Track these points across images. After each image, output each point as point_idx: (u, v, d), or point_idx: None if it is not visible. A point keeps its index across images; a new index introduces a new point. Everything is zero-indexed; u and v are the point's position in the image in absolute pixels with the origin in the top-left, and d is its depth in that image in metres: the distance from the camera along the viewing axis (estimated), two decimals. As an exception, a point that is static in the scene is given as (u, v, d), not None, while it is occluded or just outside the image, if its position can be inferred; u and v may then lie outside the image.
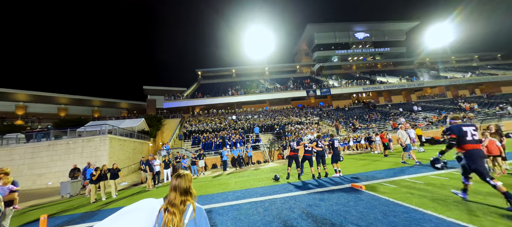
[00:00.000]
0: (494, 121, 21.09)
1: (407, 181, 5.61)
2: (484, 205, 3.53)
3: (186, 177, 1.60)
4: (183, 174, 1.63)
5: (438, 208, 3.56)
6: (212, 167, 14.68)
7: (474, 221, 2.97)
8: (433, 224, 3.02)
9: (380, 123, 23.10)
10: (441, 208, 3.54)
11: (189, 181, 1.60)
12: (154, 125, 26.08)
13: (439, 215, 3.29)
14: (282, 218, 3.82)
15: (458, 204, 3.67)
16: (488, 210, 3.30)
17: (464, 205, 3.58)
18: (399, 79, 35.61)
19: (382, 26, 45.42)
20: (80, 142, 13.33)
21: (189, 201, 1.53)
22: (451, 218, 3.14)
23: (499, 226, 2.80)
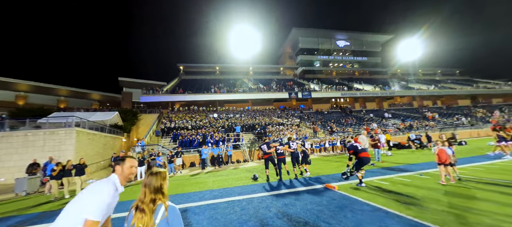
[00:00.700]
0: (450, 129, 23.68)
1: (375, 182, 6.04)
2: (436, 205, 3.95)
3: (159, 175, 1.54)
4: (157, 171, 1.57)
5: (399, 207, 3.90)
6: (190, 165, 14.30)
7: (427, 218, 3.31)
8: (394, 221, 3.30)
9: (355, 127, 24.51)
10: (401, 207, 3.88)
11: (162, 179, 1.55)
12: (129, 120, 24.58)
13: (400, 213, 3.61)
14: (259, 217, 3.88)
15: (416, 203, 4.06)
16: (437, 209, 3.71)
17: (420, 204, 3.97)
18: (373, 87, 38.13)
19: (361, 36, 48.26)
20: (41, 134, 12.04)
21: (161, 200, 1.48)
22: (409, 215, 3.47)
23: (444, 219, 3.17)
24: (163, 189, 1.53)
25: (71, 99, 37.62)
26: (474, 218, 3.26)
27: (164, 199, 1.50)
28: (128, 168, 1.72)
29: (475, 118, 29.51)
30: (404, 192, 4.85)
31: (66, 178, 7.16)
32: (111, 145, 18.66)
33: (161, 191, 1.51)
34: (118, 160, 1.73)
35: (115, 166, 1.71)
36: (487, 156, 8.99)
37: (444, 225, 3.08)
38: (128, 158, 1.75)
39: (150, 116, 27.81)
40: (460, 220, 3.21)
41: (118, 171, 1.69)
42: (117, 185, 1.64)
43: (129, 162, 1.74)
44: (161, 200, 1.49)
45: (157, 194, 1.49)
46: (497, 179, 5.45)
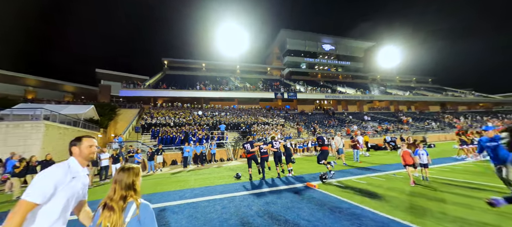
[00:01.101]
0: (422, 133, 25.54)
1: (353, 181, 6.31)
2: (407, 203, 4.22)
3: (131, 171, 1.45)
4: (129, 167, 1.48)
5: (374, 205, 4.10)
6: (172, 163, 13.84)
7: (398, 215, 3.52)
8: (369, 218, 3.46)
9: (337, 129, 25.43)
10: (376, 204, 4.09)
11: (135, 176, 1.45)
12: (106, 114, 23.19)
13: (374, 210, 3.79)
14: (239, 215, 3.85)
15: (388, 201, 4.30)
16: (406, 206, 3.97)
17: (392, 202, 4.21)
18: (355, 91, 39.86)
19: (346, 42, 50.20)
20: (4, 127, 10.89)
21: (132, 198, 1.39)
22: (383, 213, 3.66)
23: (408, 216, 3.39)
24: (135, 186, 1.44)
25: (41, 90, 34.56)
26: (438, 215, 3.53)
27: (136, 196, 1.41)
28: (87, 148, 1.63)
29: (444, 123, 32.11)
30: (379, 190, 5.11)
31: (31, 175, 6.54)
32: (85, 140, 17.46)
33: (133, 188, 1.42)
34: (74, 141, 1.63)
35: (71, 147, 1.61)
36: (452, 158, 9.81)
37: (413, 222, 3.29)
38: (85, 137, 1.67)
39: (130, 111, 26.43)
40: (428, 217, 3.45)
41: (75, 152, 1.60)
42: (75, 166, 1.56)
43: (87, 141, 1.65)
44: (132, 197, 1.40)
45: (129, 190, 1.40)
46: (459, 178, 5.97)
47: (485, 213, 3.47)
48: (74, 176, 1.52)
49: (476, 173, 6.58)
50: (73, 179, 1.51)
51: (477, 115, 38.08)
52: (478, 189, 4.86)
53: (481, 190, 4.76)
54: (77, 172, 1.56)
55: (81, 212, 1.69)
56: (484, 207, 3.68)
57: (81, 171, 1.60)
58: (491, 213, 3.42)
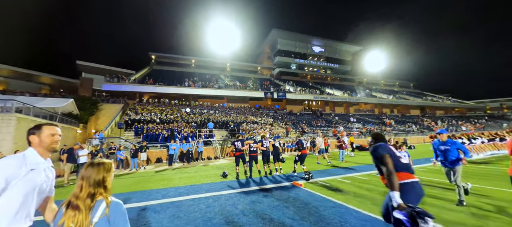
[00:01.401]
0: (403, 135, 26.80)
1: (338, 180, 6.43)
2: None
3: (101, 167, 1.33)
4: (99, 162, 1.35)
5: (357, 203, 4.19)
6: (156, 161, 13.40)
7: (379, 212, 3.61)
8: (352, 216, 3.52)
9: (324, 129, 25.99)
10: (359, 203, 4.18)
11: (105, 171, 1.33)
12: (87, 108, 22.05)
13: (357, 208, 3.87)
14: (224, 214, 3.76)
15: (370, 199, 4.42)
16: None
17: (374, 201, 4.33)
18: (342, 93, 40.97)
19: (335, 44, 51.38)
20: (-33, 119, 9.95)
21: (101, 196, 1.27)
22: (365, 211, 3.75)
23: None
24: (105, 183, 1.32)
25: (14, 81, 32.10)
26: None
27: (106, 194, 1.29)
28: (48, 137, 1.48)
29: (423, 126, 33.91)
30: (363, 189, 5.25)
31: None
32: (63, 136, 16.41)
33: (103, 185, 1.30)
34: (32, 129, 1.48)
35: (29, 136, 1.46)
36: (430, 159, 10.35)
37: (394, 219, 3.39)
38: (45, 125, 1.52)
39: (113, 106, 25.31)
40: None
41: (34, 142, 1.45)
42: (33, 158, 1.41)
43: (48, 129, 1.50)
44: (102, 195, 1.28)
45: (98, 188, 1.27)
46: (436, 178, 6.28)
47: (458, 213, 3.66)
48: (32, 168, 1.36)
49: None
50: (31, 171, 1.35)
51: (453, 119, 40.66)
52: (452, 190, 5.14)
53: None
54: (37, 163, 1.40)
55: (47, 210, 1.54)
56: (457, 208, 3.88)
57: (43, 162, 1.45)
58: (464, 213, 3.61)
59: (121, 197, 5.27)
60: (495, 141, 12.06)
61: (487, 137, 12.15)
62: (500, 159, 9.72)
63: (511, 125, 33.31)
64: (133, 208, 4.37)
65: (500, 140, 12.14)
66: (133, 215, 3.91)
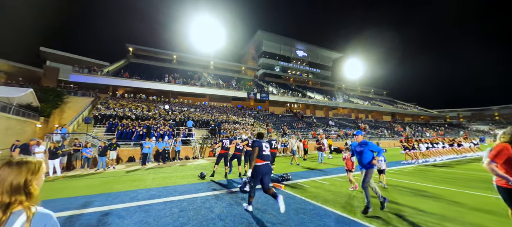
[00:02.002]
0: (376, 139, 28.52)
1: (317, 182, 6.47)
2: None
3: (24, 167, 1.01)
4: (20, 160, 1.03)
5: (336, 205, 4.18)
6: (128, 161, 12.44)
7: (357, 216, 3.63)
8: (331, 219, 3.47)
9: (304, 131, 26.57)
10: (339, 205, 4.17)
11: (30, 173, 1.01)
12: (50, 101, 19.90)
13: (336, 211, 3.85)
14: (198, 220, 3.47)
15: (348, 202, 4.45)
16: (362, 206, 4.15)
17: (353, 203, 4.36)
18: (323, 97, 42.44)
19: (317, 50, 53.13)
20: None
21: (21, 205, 0.96)
22: (344, 213, 3.73)
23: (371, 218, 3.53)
24: (29, 188, 1.00)
25: (-41, 65, 27.72)
26: (392, 216, 3.75)
27: (28, 203, 0.98)
28: None
29: (393, 131, 36.47)
30: (342, 191, 5.30)
31: None
32: (19, 130, 14.63)
33: (25, 191, 0.99)
34: None
35: None
36: (400, 162, 11.04)
37: (372, 222, 3.40)
38: None
39: (81, 99, 23.20)
40: (384, 218, 3.63)
41: None
42: None
43: None
44: (22, 204, 0.96)
45: (16, 195, 0.96)
46: (407, 180, 6.63)
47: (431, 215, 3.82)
48: None
49: (419, 176, 7.43)
50: None
51: (419, 126, 44.45)
52: (423, 191, 5.43)
53: (426, 194, 5.33)
54: None
55: None
56: (433, 209, 4.05)
57: None
58: (434, 217, 3.78)
59: (82, 200, 4.68)
60: (454, 146, 13.34)
61: (448, 142, 13.38)
62: (459, 163, 10.69)
63: (466, 132, 37.34)
64: (93, 213, 3.85)
65: (458, 145, 13.46)
66: (93, 222, 3.43)
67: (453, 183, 6.20)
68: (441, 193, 5.14)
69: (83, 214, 3.82)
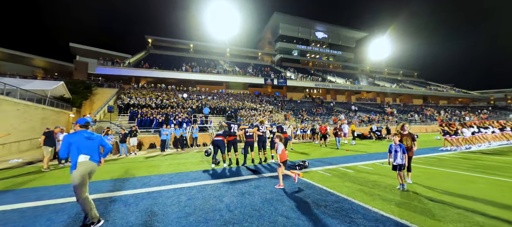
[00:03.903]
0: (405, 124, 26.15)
1: (340, 169, 5.83)
2: (400, 196, 3.73)
3: None
4: None
5: (364, 198, 3.58)
6: (150, 147, 12.87)
7: (392, 211, 3.00)
8: (360, 215, 2.90)
9: (324, 117, 25.33)
10: (366, 198, 3.56)
11: None
12: (80, 92, 21.29)
13: (365, 204, 3.25)
14: (205, 210, 3.15)
15: (380, 193, 3.80)
16: (399, 200, 3.47)
17: (384, 195, 3.71)
18: (345, 81, 39.87)
19: (339, 30, 49.36)
20: None
21: None
22: (375, 207, 3.13)
23: (412, 213, 2.88)
24: None
25: (6, 64, 31.08)
26: (439, 211, 3.04)
27: None
28: None
29: (425, 115, 33.19)
30: (369, 181, 4.63)
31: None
32: (54, 119, 15.88)
33: None
34: None
35: None
36: (436, 149, 9.74)
37: (411, 220, 2.77)
38: None
39: (107, 90, 24.52)
40: (426, 213, 2.96)
41: None
42: None
43: None
44: None
45: None
46: (448, 168, 5.67)
47: (496, 207, 3.04)
48: None
49: (464, 165, 6.36)
50: None
51: (456, 109, 39.84)
52: (471, 182, 4.52)
53: (473, 183, 4.42)
54: None
55: None
56: (495, 200, 3.26)
57: None
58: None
59: (96, 185, 4.69)
60: (506, 130, 11.40)
61: (498, 127, 11.48)
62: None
63: (516, 115, 32.57)
64: (102, 199, 3.77)
65: (511, 130, 11.49)
66: (99, 208, 3.31)
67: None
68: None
69: (94, 199, 3.75)
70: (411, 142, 4.40)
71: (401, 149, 4.06)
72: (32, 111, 13.19)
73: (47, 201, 3.71)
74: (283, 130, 7.62)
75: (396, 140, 4.18)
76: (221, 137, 6.51)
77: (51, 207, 3.39)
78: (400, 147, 4.08)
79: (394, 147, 4.15)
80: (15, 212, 3.23)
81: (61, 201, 3.71)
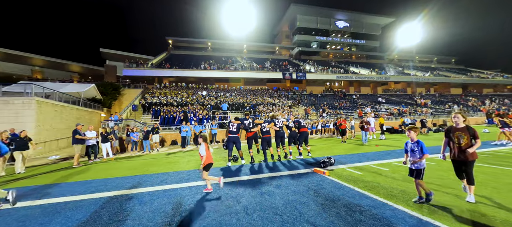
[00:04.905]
0: (442, 116, 23.48)
1: (372, 167, 5.15)
2: (456, 200, 3.04)
3: None
4: None
5: (410, 203, 2.96)
6: (172, 143, 13.22)
7: (449, 222, 2.38)
8: (407, 225, 2.34)
9: (348, 111, 23.84)
10: (413, 205, 2.94)
11: None
12: (109, 93, 22.77)
13: (413, 212, 2.66)
14: (220, 212, 2.85)
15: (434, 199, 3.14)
16: (458, 206, 2.80)
17: (441, 200, 3.04)
18: (370, 72, 37.14)
19: (362, 17, 46.03)
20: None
21: None
22: (426, 216, 2.52)
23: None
24: None
25: (48, 70, 34.71)
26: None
27: None
28: None
29: (467, 106, 29.46)
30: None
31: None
32: (87, 119, 17.17)
33: None
34: None
35: None
36: (490, 144, 8.33)
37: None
38: None
39: (133, 90, 25.95)
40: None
41: None
42: None
43: None
44: None
45: None
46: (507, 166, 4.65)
47: None
48: None
49: (532, 161, 5.20)
50: None
51: (505, 98, 34.71)
52: None
53: (556, 185, 3.48)
54: None
55: None
56: None
57: None
58: None
59: (116, 182, 4.71)
60: None
61: None
62: None
63: None
64: (119, 196, 3.70)
65: None
66: (115, 207, 3.21)
67: None
68: None
69: (111, 196, 3.71)
70: (469, 139, 2.96)
71: (419, 148, 2.98)
72: (68, 112, 14.35)
73: (69, 197, 3.76)
74: (301, 124, 7.05)
75: (413, 136, 3.10)
76: (235, 133, 6.26)
77: (70, 204, 3.40)
78: (418, 145, 3.01)
79: (410, 145, 3.10)
80: (38, 208, 3.28)
81: (81, 198, 3.72)
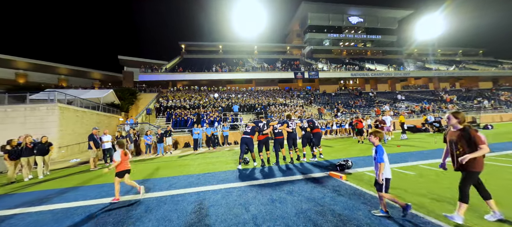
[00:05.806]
0: (471, 113, 21.56)
1: (395, 170, 4.68)
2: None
3: None
4: None
5: (445, 211, 2.55)
6: (185, 146, 13.35)
7: None
8: (445, 243, 1.97)
9: (364, 109, 22.76)
10: (444, 211, 2.53)
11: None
12: (127, 98, 23.71)
13: (444, 224, 2.26)
14: (228, 222, 2.64)
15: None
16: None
17: (475, 209, 2.60)
18: (387, 68, 35.36)
19: (377, 12, 44.06)
20: (22, 110, 11.17)
21: None
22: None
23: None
24: None
25: (72, 78, 37.09)
26: None
27: None
28: None
29: (498, 101, 26.91)
30: (444, 186, 3.47)
31: (26, 158, 6.17)
32: (106, 123, 17.93)
33: None
34: None
35: None
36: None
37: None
38: None
39: (149, 95, 26.85)
40: None
41: None
42: None
43: None
44: None
45: None
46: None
47: None
48: None
49: None
50: None
51: (545, 91, 31.25)
52: None
53: None
54: None
55: None
56: None
57: None
58: None
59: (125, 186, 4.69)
60: None
61: None
62: None
63: None
64: (127, 202, 3.64)
65: None
66: (121, 213, 3.13)
67: None
68: None
69: (119, 202, 3.66)
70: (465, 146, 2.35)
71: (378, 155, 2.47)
72: (88, 117, 15.07)
73: (81, 202, 3.77)
74: (315, 124, 6.70)
75: (373, 141, 2.63)
76: (249, 135, 6.05)
77: (80, 210, 3.39)
78: (376, 152, 2.52)
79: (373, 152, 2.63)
80: (49, 213, 3.30)
81: (92, 202, 3.72)
